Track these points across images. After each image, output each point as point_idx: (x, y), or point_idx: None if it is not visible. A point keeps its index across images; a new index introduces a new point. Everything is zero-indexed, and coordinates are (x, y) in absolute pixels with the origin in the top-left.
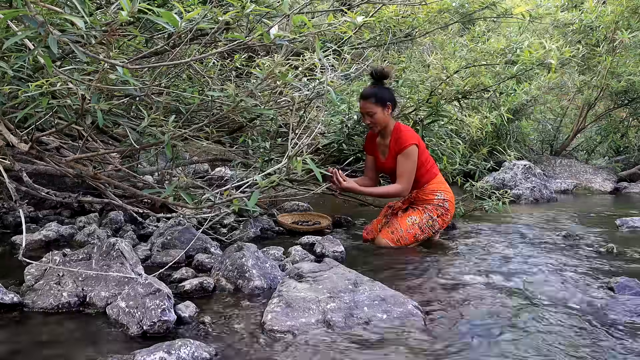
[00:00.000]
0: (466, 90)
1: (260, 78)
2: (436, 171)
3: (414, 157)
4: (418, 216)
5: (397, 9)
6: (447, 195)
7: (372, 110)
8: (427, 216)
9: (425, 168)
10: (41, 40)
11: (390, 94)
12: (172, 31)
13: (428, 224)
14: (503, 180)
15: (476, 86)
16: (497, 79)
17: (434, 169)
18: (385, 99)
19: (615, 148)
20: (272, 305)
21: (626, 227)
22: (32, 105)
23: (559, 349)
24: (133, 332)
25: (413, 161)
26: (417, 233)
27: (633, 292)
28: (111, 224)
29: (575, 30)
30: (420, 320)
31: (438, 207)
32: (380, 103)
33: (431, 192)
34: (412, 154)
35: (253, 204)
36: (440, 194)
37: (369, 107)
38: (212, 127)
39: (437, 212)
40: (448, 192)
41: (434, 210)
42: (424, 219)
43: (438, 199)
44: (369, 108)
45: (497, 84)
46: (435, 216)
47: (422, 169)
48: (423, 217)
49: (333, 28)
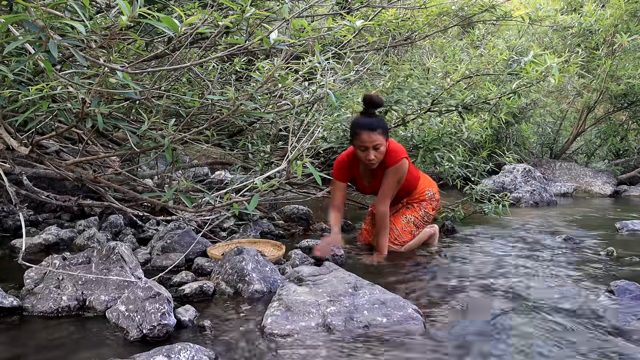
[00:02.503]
0: (467, 102)
1: (260, 81)
2: (418, 174)
3: (404, 172)
4: (413, 214)
5: (397, 12)
6: (434, 189)
7: (381, 142)
8: (423, 212)
9: (409, 178)
10: (41, 45)
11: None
12: (172, 35)
13: (424, 219)
14: (503, 183)
15: (478, 98)
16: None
17: (415, 175)
18: (388, 131)
19: (615, 151)
20: (272, 309)
21: (626, 230)
22: (33, 109)
23: (559, 353)
24: (133, 335)
25: (401, 177)
26: (412, 230)
27: (633, 295)
28: (111, 227)
29: (575, 33)
30: (420, 324)
31: (431, 201)
32: (386, 134)
33: (421, 192)
34: (403, 169)
35: (253, 207)
36: (429, 191)
37: (377, 140)
38: (212, 131)
39: (431, 205)
40: (433, 185)
41: (428, 205)
42: (419, 216)
43: (429, 195)
44: (378, 141)
45: (497, 97)
46: (430, 211)
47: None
48: (419, 214)
49: (333, 32)
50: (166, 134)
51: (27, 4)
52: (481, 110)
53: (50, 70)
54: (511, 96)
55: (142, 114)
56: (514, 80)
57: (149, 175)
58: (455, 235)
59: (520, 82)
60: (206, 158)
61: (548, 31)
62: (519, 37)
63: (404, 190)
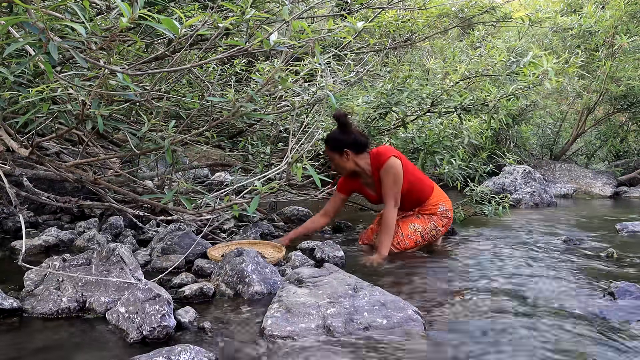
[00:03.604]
0: (466, 104)
1: (260, 83)
2: (431, 184)
3: (398, 168)
4: (421, 224)
5: (397, 13)
6: (447, 205)
7: (330, 156)
8: (432, 225)
9: (419, 187)
10: (42, 46)
11: (350, 139)
12: (172, 37)
13: (431, 233)
14: (503, 184)
15: (475, 101)
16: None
17: (428, 185)
18: (342, 146)
19: (615, 152)
20: (272, 311)
21: (626, 231)
22: (33, 111)
23: (559, 355)
24: (133, 337)
25: (394, 174)
26: (417, 240)
27: (633, 297)
28: (111, 229)
29: (575, 35)
30: (420, 326)
31: (442, 217)
32: (336, 150)
33: (433, 205)
34: (395, 165)
35: (253, 209)
36: (442, 206)
37: (327, 153)
38: (212, 132)
39: (442, 222)
40: (447, 201)
41: (439, 220)
42: (428, 228)
43: (441, 210)
44: (329, 155)
45: (496, 100)
46: (440, 227)
47: (417, 187)
48: (427, 226)
49: (333, 34)
50: (166, 136)
51: (27, 6)
52: (480, 112)
53: (50, 72)
54: (510, 98)
55: (142, 115)
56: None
57: (149, 176)
58: (455, 237)
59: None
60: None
61: (548, 33)
62: (519, 39)
63: (415, 195)
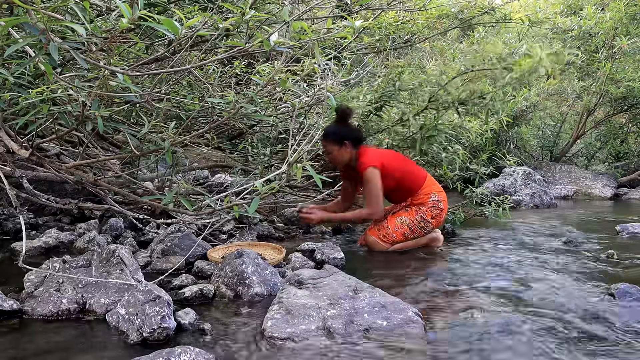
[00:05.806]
0: (463, 98)
1: (260, 84)
2: (424, 174)
3: (374, 179)
4: (408, 217)
5: (397, 15)
6: (440, 196)
7: (328, 148)
8: (420, 217)
9: (409, 179)
10: (42, 48)
11: (350, 132)
12: (172, 38)
13: (420, 225)
14: (503, 186)
15: (473, 93)
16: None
17: (419, 175)
18: (342, 138)
19: (615, 154)
20: (272, 312)
21: (626, 233)
22: (33, 112)
23: (559, 356)
24: (133, 339)
25: (374, 183)
26: (405, 232)
27: (634, 298)
28: (111, 230)
29: (575, 36)
30: (420, 327)
31: (433, 208)
32: (336, 142)
33: (425, 194)
34: (371, 177)
35: (253, 210)
36: (434, 196)
37: (325, 146)
38: (212, 134)
39: (432, 213)
40: (441, 192)
41: (428, 211)
42: (415, 220)
43: (432, 200)
44: (326, 146)
45: (494, 91)
46: (429, 218)
47: (407, 181)
48: (414, 218)
49: (333, 35)
50: (166, 137)
51: (27, 7)
52: (477, 105)
53: (50, 73)
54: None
55: (142, 117)
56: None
57: (149, 178)
58: (455, 238)
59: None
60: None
61: (548, 34)
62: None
63: (405, 188)
